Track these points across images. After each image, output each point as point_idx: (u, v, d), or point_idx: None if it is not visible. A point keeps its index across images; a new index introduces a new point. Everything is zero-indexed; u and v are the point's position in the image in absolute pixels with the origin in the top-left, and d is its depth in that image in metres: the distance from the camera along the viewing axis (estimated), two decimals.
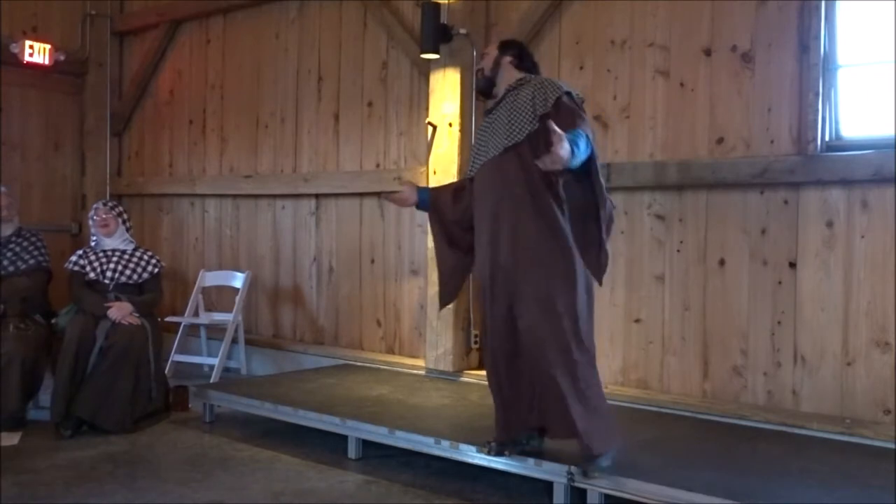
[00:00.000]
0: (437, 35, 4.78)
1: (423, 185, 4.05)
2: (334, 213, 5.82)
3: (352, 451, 3.94)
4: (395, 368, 5.20)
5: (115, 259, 4.73)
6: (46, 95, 6.94)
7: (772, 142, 4.03)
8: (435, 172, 4.91)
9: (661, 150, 4.36)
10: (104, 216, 4.82)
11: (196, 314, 6.16)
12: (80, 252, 4.81)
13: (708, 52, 4.22)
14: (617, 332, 4.49)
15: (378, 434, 3.83)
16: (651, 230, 4.39)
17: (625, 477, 3.08)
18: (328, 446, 4.09)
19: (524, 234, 3.17)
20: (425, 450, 3.63)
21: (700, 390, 4.22)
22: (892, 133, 3.73)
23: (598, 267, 3.16)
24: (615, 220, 3.30)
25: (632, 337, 4.45)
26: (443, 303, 3.58)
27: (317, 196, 5.89)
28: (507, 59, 3.42)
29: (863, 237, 3.79)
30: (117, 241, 4.82)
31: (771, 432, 3.78)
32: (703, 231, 4.24)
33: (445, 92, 4.89)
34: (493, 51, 3.48)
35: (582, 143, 2.96)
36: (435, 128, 4.93)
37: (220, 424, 4.60)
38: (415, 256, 5.34)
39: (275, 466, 3.85)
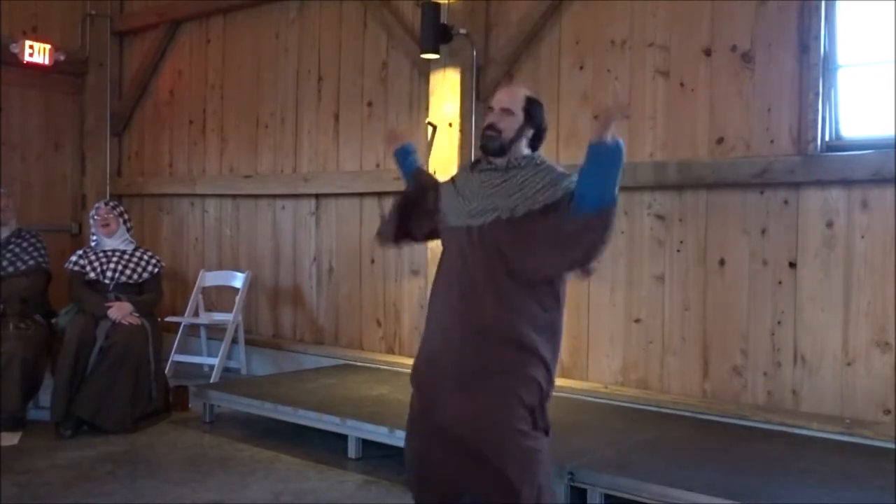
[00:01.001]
0: (437, 35, 4.78)
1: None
2: (334, 213, 5.82)
3: (352, 451, 3.95)
4: (395, 368, 5.20)
5: (115, 259, 4.73)
6: (46, 95, 6.93)
7: (772, 142, 4.03)
8: (435, 172, 4.90)
9: (661, 150, 4.36)
10: (106, 216, 4.82)
11: (196, 314, 6.16)
12: (80, 252, 4.81)
13: (708, 52, 4.22)
14: (617, 332, 4.49)
15: (378, 434, 3.83)
16: (651, 230, 4.39)
17: (625, 477, 3.09)
18: (328, 446, 4.09)
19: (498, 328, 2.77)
20: None
21: (700, 390, 4.22)
22: (892, 133, 3.73)
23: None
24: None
25: (632, 337, 4.45)
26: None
27: (317, 196, 5.89)
28: (529, 132, 2.93)
29: (863, 237, 3.79)
30: (118, 241, 4.82)
31: (771, 432, 3.78)
32: (703, 231, 4.24)
33: (445, 92, 4.89)
34: (518, 113, 2.91)
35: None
36: (435, 128, 4.93)
37: (220, 424, 4.60)
38: (415, 256, 5.34)
39: (275, 466, 3.85)
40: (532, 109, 2.94)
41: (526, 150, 2.95)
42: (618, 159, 2.69)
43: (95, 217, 4.85)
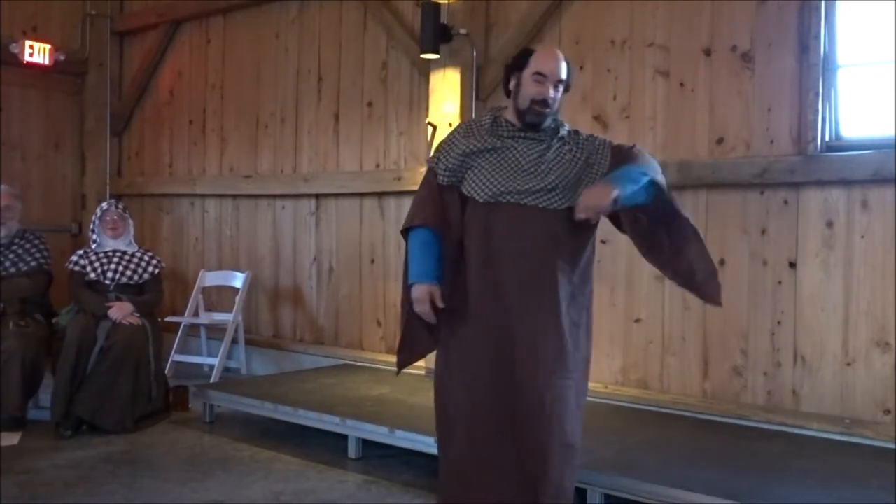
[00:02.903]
0: (437, 35, 4.78)
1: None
2: (334, 213, 5.82)
3: (352, 451, 3.95)
4: (394, 368, 5.18)
5: (115, 260, 4.73)
6: (46, 95, 6.93)
7: (772, 142, 4.03)
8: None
9: (661, 150, 4.36)
10: (115, 218, 4.82)
11: (196, 314, 6.16)
12: (81, 252, 4.81)
13: (708, 52, 4.22)
14: (617, 332, 4.49)
15: (378, 434, 3.83)
16: None
17: (625, 477, 3.09)
18: (328, 446, 4.09)
19: (574, 314, 2.74)
20: (425, 450, 3.63)
21: (700, 390, 4.22)
22: (892, 133, 3.73)
23: (714, 288, 2.85)
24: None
25: (632, 337, 4.45)
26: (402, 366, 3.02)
27: (317, 196, 5.89)
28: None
29: (863, 237, 3.79)
30: (121, 242, 4.82)
31: (771, 432, 3.78)
32: (703, 231, 4.20)
33: (445, 92, 4.89)
34: (561, 83, 2.78)
35: (643, 175, 2.66)
36: (435, 128, 4.93)
37: (220, 424, 4.60)
38: None
39: (275, 466, 3.85)
40: (570, 78, 2.82)
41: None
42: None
43: (105, 218, 4.83)
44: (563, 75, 2.76)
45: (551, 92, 2.73)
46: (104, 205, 4.98)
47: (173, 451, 4.09)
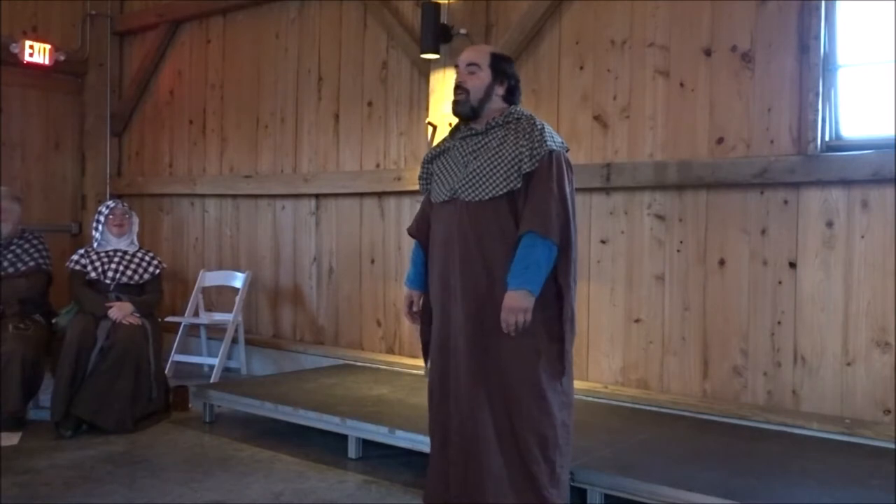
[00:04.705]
0: (437, 35, 4.78)
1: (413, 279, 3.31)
2: (334, 213, 5.82)
3: (352, 451, 3.95)
4: (395, 368, 5.20)
5: (116, 259, 4.73)
6: (46, 95, 6.94)
7: (772, 142, 4.03)
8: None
9: (661, 150, 4.36)
10: (122, 216, 4.83)
11: (196, 314, 6.17)
12: (82, 251, 4.81)
13: (708, 52, 4.22)
14: (617, 332, 4.49)
15: (378, 434, 3.83)
16: (651, 230, 4.39)
17: (625, 477, 3.09)
18: (328, 446, 4.09)
19: (499, 293, 2.78)
20: (425, 450, 3.61)
21: (700, 390, 4.22)
22: (892, 133, 3.73)
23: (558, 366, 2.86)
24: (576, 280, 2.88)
25: (632, 337, 4.45)
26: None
27: (317, 196, 5.89)
28: (500, 90, 2.92)
29: (863, 237, 3.79)
30: (124, 242, 4.82)
31: (771, 432, 3.78)
32: (703, 231, 4.23)
33: (445, 92, 4.88)
34: (485, 69, 2.90)
35: (538, 259, 2.69)
36: (435, 128, 4.93)
37: (220, 424, 4.60)
38: None
39: (275, 466, 3.85)
40: (499, 64, 2.92)
41: (502, 105, 2.93)
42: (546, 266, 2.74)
43: (109, 216, 4.84)
44: (474, 59, 2.92)
45: (461, 76, 2.93)
46: (110, 203, 5.00)
47: (173, 451, 4.09)
